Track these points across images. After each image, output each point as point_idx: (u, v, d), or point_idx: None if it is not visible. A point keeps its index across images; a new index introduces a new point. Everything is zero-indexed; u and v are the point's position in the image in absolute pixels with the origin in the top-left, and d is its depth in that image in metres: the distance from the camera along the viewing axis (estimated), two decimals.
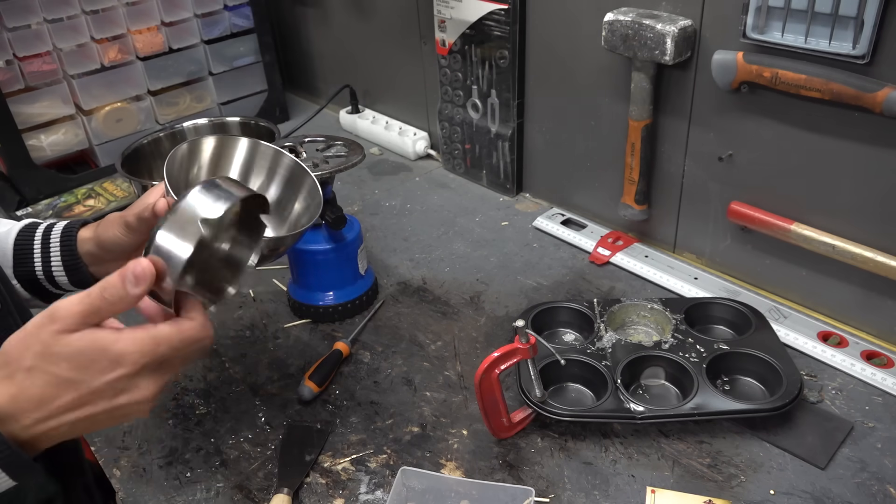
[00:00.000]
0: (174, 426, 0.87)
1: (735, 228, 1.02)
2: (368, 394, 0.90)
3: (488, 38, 1.19)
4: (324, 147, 1.00)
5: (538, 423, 0.84)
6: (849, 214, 0.89)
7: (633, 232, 1.17)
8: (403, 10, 1.37)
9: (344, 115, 1.60)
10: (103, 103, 1.38)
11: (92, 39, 1.33)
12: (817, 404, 0.84)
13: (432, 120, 1.45)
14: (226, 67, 1.53)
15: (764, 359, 0.84)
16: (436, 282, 1.10)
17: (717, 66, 0.90)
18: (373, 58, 1.53)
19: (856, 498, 0.73)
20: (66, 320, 0.49)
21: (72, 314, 0.49)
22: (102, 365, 0.49)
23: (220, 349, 0.99)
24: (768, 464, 0.77)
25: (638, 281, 1.07)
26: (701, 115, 0.99)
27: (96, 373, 0.49)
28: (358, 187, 1.39)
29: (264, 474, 0.80)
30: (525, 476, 0.78)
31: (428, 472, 0.76)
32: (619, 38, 0.97)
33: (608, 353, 0.87)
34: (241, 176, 0.80)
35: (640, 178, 1.06)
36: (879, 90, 0.78)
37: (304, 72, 1.76)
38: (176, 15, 1.41)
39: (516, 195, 1.32)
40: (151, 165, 1.27)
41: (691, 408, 0.79)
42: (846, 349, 0.91)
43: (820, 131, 0.88)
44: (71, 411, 0.50)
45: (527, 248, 1.17)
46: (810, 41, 0.83)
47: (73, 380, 0.49)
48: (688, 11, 0.94)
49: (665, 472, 0.77)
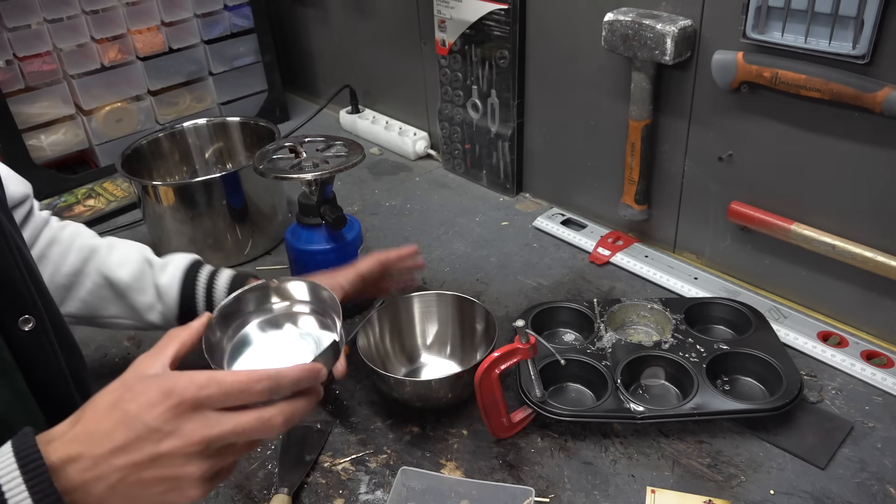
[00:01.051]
0: None
1: (735, 228, 1.02)
2: (368, 394, 0.90)
3: (488, 38, 1.19)
4: (324, 147, 1.00)
5: (538, 423, 0.84)
6: (849, 214, 0.89)
7: (633, 232, 1.17)
8: (403, 10, 1.37)
9: (344, 115, 1.60)
10: (103, 103, 1.38)
11: (92, 39, 1.33)
12: (817, 404, 0.84)
13: (432, 120, 1.45)
14: (226, 67, 1.53)
15: (764, 359, 0.84)
16: (436, 282, 1.10)
17: (717, 66, 0.90)
18: (373, 58, 1.53)
19: (856, 498, 0.73)
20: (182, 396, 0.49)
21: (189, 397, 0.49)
22: (151, 395, 0.49)
23: None
24: (768, 464, 0.77)
25: (638, 281, 1.07)
26: (701, 115, 0.99)
27: (144, 403, 0.49)
28: (358, 187, 1.39)
29: (264, 474, 0.80)
30: (525, 476, 0.78)
31: (428, 472, 0.76)
32: (619, 38, 0.97)
33: (608, 353, 0.87)
34: None
35: (640, 178, 1.06)
36: (879, 90, 0.78)
37: (304, 72, 1.76)
38: (176, 15, 1.41)
39: (516, 195, 1.32)
40: (151, 165, 1.27)
41: (691, 408, 0.79)
42: (846, 349, 0.91)
43: (820, 131, 0.88)
44: (120, 454, 0.48)
45: (527, 248, 1.17)
46: (810, 41, 0.83)
47: (124, 407, 0.49)
48: (688, 11, 0.94)
49: (665, 472, 0.77)
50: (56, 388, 0.66)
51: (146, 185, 1.13)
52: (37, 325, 0.63)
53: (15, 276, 0.62)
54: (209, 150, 1.33)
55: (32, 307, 0.63)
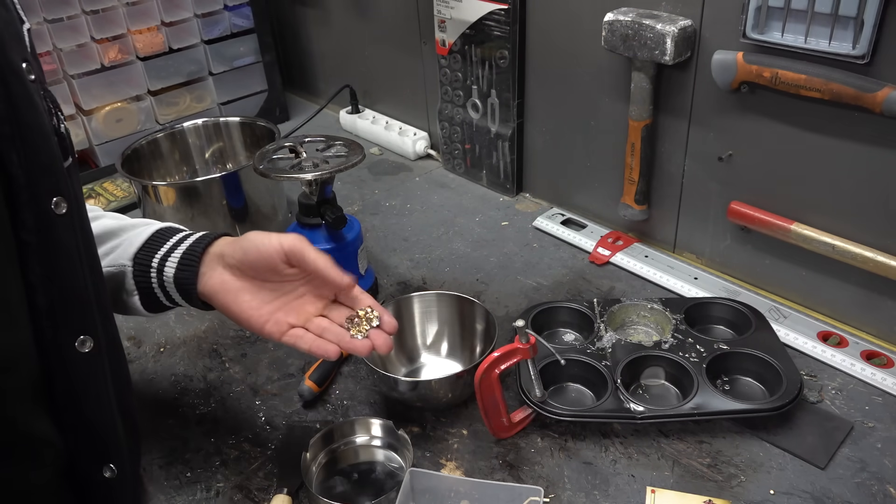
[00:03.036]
0: (174, 426, 0.87)
1: (735, 228, 1.02)
2: (368, 394, 0.90)
3: (488, 38, 1.19)
4: (324, 147, 1.00)
5: (538, 423, 0.84)
6: (849, 214, 0.89)
7: (633, 232, 1.17)
8: (403, 10, 1.37)
9: (344, 115, 1.60)
10: (103, 103, 1.38)
11: (92, 39, 1.33)
12: (817, 404, 0.84)
13: (432, 120, 1.45)
14: (226, 67, 1.53)
15: (764, 359, 0.84)
16: (436, 282, 1.10)
17: (717, 66, 0.90)
18: (373, 58, 1.53)
19: (856, 498, 0.73)
20: None
21: None
22: None
23: (220, 349, 0.99)
24: (768, 464, 0.77)
25: (638, 281, 1.07)
26: (701, 115, 0.99)
27: None
28: (358, 187, 1.39)
29: (264, 474, 0.80)
30: (525, 476, 0.78)
31: (435, 473, 0.76)
32: (619, 38, 0.97)
33: (608, 353, 0.87)
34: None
35: (640, 178, 1.06)
36: (879, 90, 0.78)
37: (304, 72, 1.76)
38: (176, 15, 1.41)
39: (516, 195, 1.32)
40: (151, 165, 1.27)
41: (691, 408, 0.79)
42: (846, 349, 0.91)
43: (820, 131, 0.88)
44: None
45: (527, 248, 1.17)
46: (810, 41, 0.83)
47: None
48: (688, 11, 0.94)
49: (665, 472, 0.77)
50: (101, 426, 0.58)
51: (146, 185, 1.13)
52: (95, 347, 0.55)
53: (82, 292, 0.55)
54: (209, 150, 1.33)
55: (92, 325, 0.56)
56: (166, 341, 1.01)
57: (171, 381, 0.94)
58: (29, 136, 0.49)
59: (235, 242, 0.73)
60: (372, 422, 0.82)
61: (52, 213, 0.51)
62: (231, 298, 0.72)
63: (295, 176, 0.94)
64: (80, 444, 0.57)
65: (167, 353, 0.99)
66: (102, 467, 0.59)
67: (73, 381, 0.54)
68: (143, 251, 0.74)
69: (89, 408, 0.57)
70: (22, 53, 0.51)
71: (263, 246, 0.71)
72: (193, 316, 1.04)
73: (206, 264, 0.73)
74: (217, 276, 0.72)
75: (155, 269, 0.73)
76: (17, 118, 0.48)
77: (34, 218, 0.50)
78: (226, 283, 0.72)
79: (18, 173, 0.48)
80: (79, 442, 0.56)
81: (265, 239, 0.71)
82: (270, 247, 0.70)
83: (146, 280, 0.74)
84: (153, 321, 1.04)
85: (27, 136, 0.49)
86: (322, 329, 0.73)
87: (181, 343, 1.01)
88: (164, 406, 0.90)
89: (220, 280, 0.72)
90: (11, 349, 0.50)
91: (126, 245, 0.74)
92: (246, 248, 0.71)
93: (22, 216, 0.49)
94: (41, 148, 0.51)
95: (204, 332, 1.02)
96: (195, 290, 0.72)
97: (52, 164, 0.52)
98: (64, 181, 0.53)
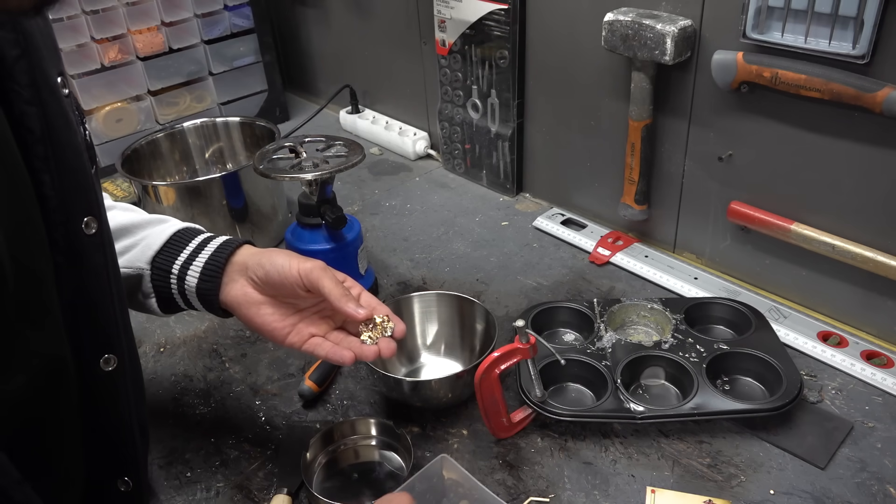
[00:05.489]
0: (174, 426, 0.87)
1: (735, 228, 1.02)
2: (369, 394, 0.90)
3: (488, 38, 1.19)
4: (324, 147, 1.00)
5: (538, 423, 0.84)
6: (849, 214, 0.89)
7: (633, 232, 1.17)
8: (403, 10, 1.37)
9: (344, 115, 1.60)
10: (103, 103, 1.38)
11: (92, 39, 1.33)
12: (817, 404, 0.84)
13: (432, 120, 1.45)
14: (226, 67, 1.53)
15: (764, 359, 0.84)
16: (436, 282, 1.10)
17: (717, 66, 0.90)
18: (373, 58, 1.53)
19: (856, 498, 0.73)
20: None
21: None
22: None
23: (220, 349, 0.99)
24: (768, 464, 0.77)
25: (638, 281, 1.07)
26: (701, 115, 0.99)
27: None
28: (358, 187, 1.39)
29: (264, 474, 0.80)
30: (525, 476, 0.78)
31: (462, 469, 0.73)
32: (619, 38, 0.97)
33: (608, 353, 0.87)
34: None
35: (640, 178, 1.06)
36: (879, 90, 0.78)
37: (304, 72, 1.76)
38: (176, 15, 1.41)
39: (516, 195, 1.32)
40: (151, 165, 1.27)
41: (691, 408, 0.79)
42: (846, 349, 0.91)
43: (820, 131, 0.88)
44: None
45: (527, 248, 1.17)
46: (810, 41, 0.83)
47: None
48: (688, 11, 0.94)
49: (665, 472, 0.77)
50: (121, 441, 0.59)
51: (146, 185, 1.13)
52: (119, 365, 0.56)
53: (109, 311, 0.55)
54: (209, 150, 1.33)
55: (118, 343, 0.56)
56: (166, 341, 1.01)
57: (171, 381, 0.94)
58: (62, 155, 0.50)
59: (259, 257, 0.72)
60: (372, 422, 0.82)
61: (83, 234, 0.52)
62: (254, 311, 0.72)
63: (295, 176, 0.94)
64: (99, 458, 0.57)
65: (167, 353, 0.99)
66: (118, 481, 0.59)
67: (95, 398, 0.55)
68: (161, 255, 0.73)
69: (110, 424, 0.58)
70: (58, 66, 0.52)
71: (284, 271, 0.70)
72: (193, 316, 1.04)
73: (228, 274, 0.73)
74: (239, 288, 0.72)
75: (175, 275, 0.73)
76: (52, 137, 0.49)
77: (64, 238, 0.50)
78: (248, 295, 0.72)
79: (51, 195, 0.49)
80: (98, 456, 0.57)
81: (286, 263, 0.70)
82: (290, 275, 0.70)
83: (165, 285, 0.73)
84: (153, 321, 1.04)
85: (60, 155, 0.49)
86: (339, 340, 0.73)
87: (181, 343, 1.01)
88: (164, 406, 0.90)
89: (243, 292, 0.72)
90: (60, 361, 0.51)
91: (143, 247, 0.74)
92: (269, 270, 0.70)
93: (54, 236, 0.50)
94: (75, 168, 0.51)
95: (204, 332, 1.02)
96: (217, 300, 0.72)
97: (85, 182, 0.52)
98: (94, 199, 0.53)
